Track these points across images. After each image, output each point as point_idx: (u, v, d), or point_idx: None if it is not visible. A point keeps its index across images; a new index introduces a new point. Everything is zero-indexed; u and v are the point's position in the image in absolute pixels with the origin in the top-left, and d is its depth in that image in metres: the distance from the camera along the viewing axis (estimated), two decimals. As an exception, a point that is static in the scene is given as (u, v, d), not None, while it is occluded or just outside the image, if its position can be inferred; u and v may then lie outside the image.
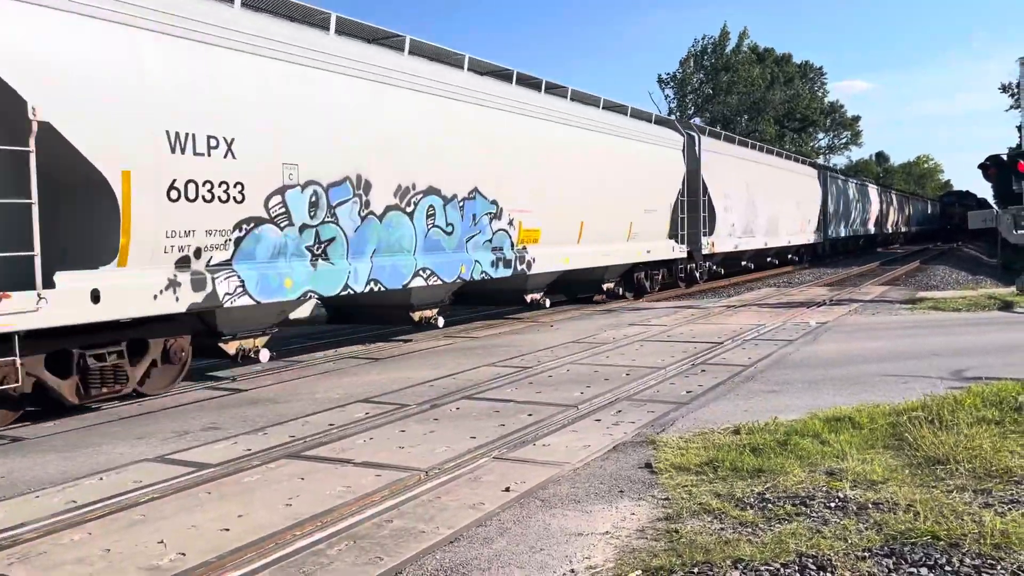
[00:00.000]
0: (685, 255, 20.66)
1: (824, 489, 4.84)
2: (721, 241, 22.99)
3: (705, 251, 21.69)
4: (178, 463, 6.00)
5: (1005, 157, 17.05)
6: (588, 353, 10.92)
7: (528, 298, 15.22)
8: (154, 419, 7.66)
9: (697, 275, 22.04)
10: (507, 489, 5.13)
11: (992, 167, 16.92)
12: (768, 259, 30.04)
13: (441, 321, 12.98)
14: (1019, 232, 16.84)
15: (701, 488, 4.96)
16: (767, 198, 27.59)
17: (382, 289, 10.77)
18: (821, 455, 5.48)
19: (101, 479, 5.66)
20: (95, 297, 7.28)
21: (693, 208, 21.15)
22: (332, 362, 10.93)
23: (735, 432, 6.20)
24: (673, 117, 19.22)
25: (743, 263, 27.19)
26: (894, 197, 61.66)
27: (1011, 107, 43.59)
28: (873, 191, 51.46)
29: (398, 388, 8.77)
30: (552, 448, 6.13)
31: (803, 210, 33.26)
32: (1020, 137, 17.71)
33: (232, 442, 6.60)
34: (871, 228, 49.56)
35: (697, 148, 21.39)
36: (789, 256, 32.88)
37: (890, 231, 58.29)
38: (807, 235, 34.02)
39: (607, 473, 5.44)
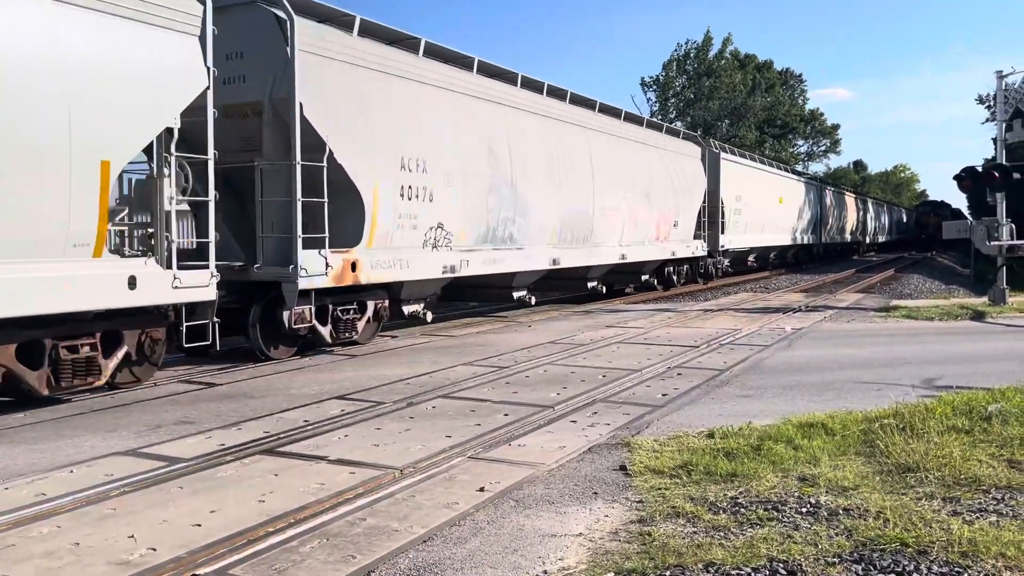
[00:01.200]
0: (212, 296, 8.93)
1: (796, 494, 4.88)
2: (404, 257, 11.94)
3: (323, 281, 10.43)
4: (150, 457, 5.94)
5: (980, 169, 17.26)
6: (565, 354, 10.93)
7: None
8: (127, 412, 7.59)
9: (324, 332, 10.88)
10: (482, 489, 5.13)
11: (967, 179, 17.10)
12: (592, 284, 19.12)
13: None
14: (992, 243, 17.06)
15: (675, 491, 4.98)
16: (561, 181, 16.41)
17: None
18: (794, 460, 5.53)
19: (71, 472, 5.59)
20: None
21: (276, 185, 10.33)
22: (308, 357, 10.86)
23: (709, 436, 6.23)
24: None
25: (518, 295, 16.04)
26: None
27: (987, 119, 44.25)
28: (813, 189, 41.62)
29: (374, 385, 8.74)
30: (527, 448, 6.13)
31: (663, 206, 21.50)
32: (996, 149, 17.92)
33: (206, 436, 6.55)
34: (802, 236, 38.44)
35: (288, 46, 10.03)
36: (644, 278, 21.82)
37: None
38: (674, 244, 22.53)
39: (582, 475, 5.46)
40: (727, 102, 54.30)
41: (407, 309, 12.89)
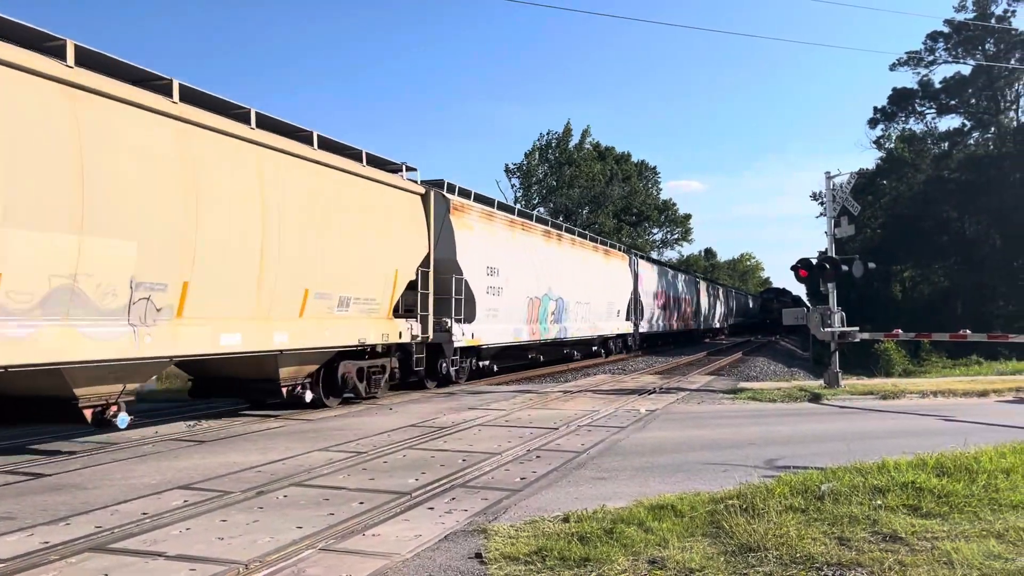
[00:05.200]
0: None
1: (646, 578, 4.96)
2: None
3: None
4: (-40, 559, 5.39)
5: (814, 261, 18.68)
6: (426, 438, 10.81)
7: None
8: (-64, 508, 6.87)
9: None
10: (332, 583, 4.94)
11: (803, 269, 18.47)
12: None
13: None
14: (826, 329, 18.36)
15: (529, 579, 4.96)
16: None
17: None
18: (645, 543, 5.64)
19: None
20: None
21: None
22: (151, 444, 10.24)
23: (564, 520, 6.28)
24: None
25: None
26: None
27: (820, 214, 48.15)
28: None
29: (222, 473, 8.32)
30: (382, 538, 5.97)
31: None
32: (827, 242, 19.45)
33: (28, 534, 6.01)
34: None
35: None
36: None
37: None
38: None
39: (436, 564, 5.36)
40: (587, 190, 56.68)
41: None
